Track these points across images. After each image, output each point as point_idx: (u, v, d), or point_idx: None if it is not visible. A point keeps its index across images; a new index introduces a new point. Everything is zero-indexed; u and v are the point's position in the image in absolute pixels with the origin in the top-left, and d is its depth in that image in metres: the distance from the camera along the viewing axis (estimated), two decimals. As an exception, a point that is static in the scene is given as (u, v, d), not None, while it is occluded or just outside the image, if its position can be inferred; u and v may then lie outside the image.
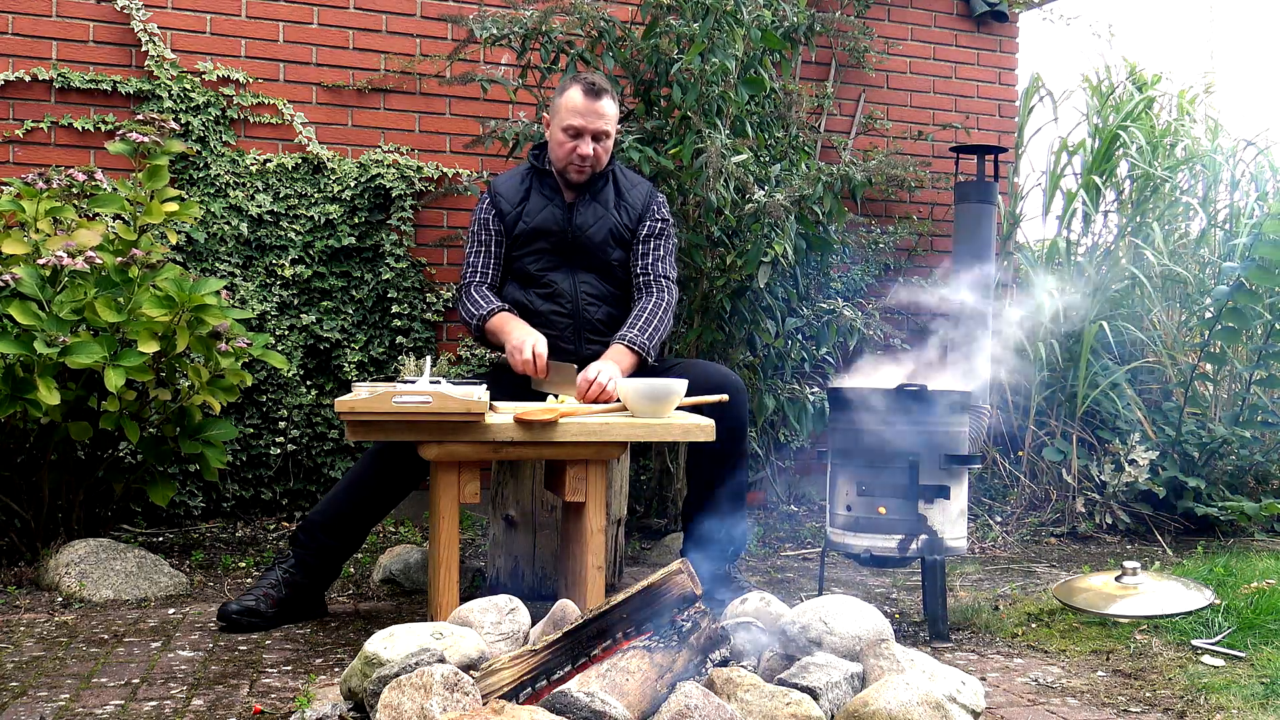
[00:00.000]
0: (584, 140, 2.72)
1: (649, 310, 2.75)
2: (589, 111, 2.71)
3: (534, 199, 2.81)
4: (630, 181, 2.89)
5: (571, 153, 2.72)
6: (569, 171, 2.76)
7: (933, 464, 2.47)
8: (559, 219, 2.78)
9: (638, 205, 2.84)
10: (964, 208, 3.34)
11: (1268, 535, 3.93)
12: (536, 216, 2.78)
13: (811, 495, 4.30)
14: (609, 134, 2.76)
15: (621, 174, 2.90)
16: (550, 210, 2.79)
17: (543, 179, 2.83)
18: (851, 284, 4.38)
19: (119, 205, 2.94)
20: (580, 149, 2.72)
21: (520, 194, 2.82)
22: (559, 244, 2.78)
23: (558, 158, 2.76)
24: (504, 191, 2.84)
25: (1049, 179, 4.78)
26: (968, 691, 1.82)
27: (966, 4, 4.74)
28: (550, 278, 2.78)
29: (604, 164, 2.79)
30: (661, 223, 2.86)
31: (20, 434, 2.92)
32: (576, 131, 2.71)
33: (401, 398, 2.10)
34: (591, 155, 2.73)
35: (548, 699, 1.54)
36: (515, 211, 2.80)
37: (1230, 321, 3.83)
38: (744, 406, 2.68)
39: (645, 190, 2.89)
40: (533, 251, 2.79)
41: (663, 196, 2.93)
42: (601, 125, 2.73)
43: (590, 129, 2.71)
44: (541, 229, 2.78)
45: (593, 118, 2.71)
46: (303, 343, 3.68)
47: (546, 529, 2.86)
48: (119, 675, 2.11)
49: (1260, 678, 2.13)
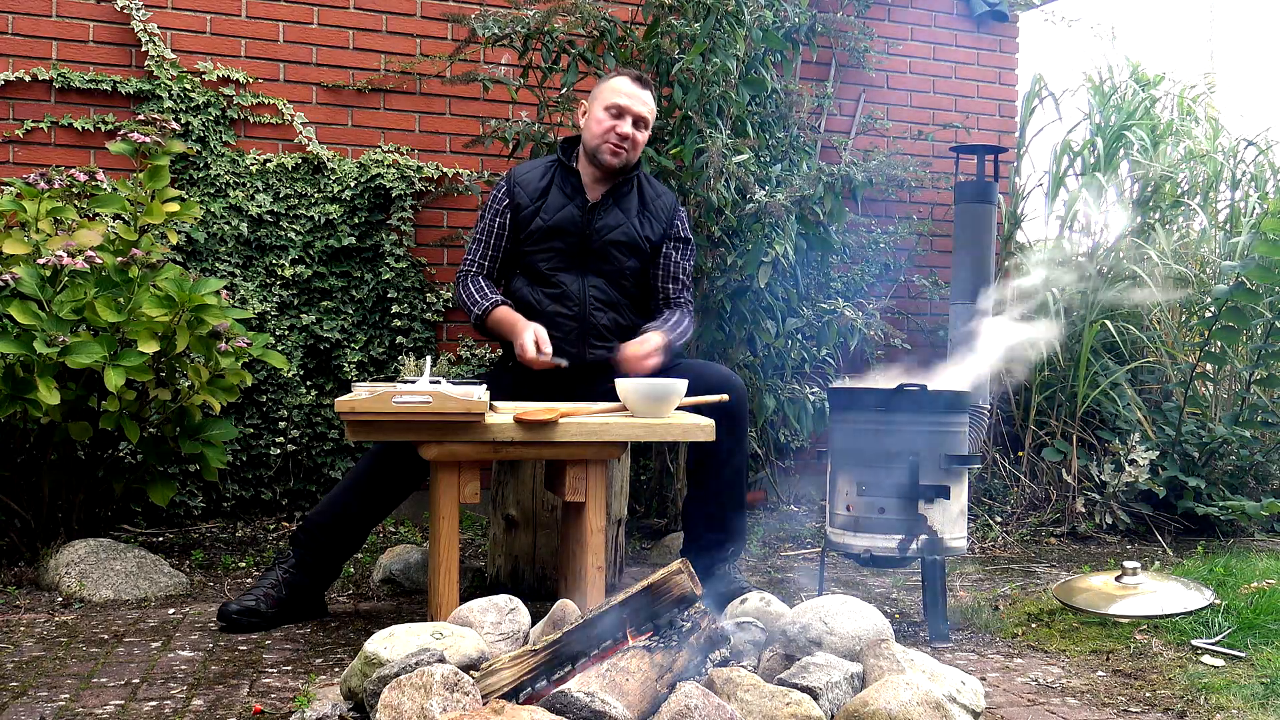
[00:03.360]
0: (625, 120, 2.73)
1: (676, 320, 2.79)
2: (634, 95, 2.75)
3: (554, 195, 2.78)
4: (656, 191, 2.87)
5: (610, 131, 2.73)
6: (603, 152, 2.73)
7: (933, 464, 2.47)
8: (577, 220, 2.76)
9: (662, 218, 2.83)
10: (964, 208, 3.34)
11: (1268, 535, 3.93)
12: (555, 215, 2.76)
13: (811, 495, 4.30)
14: (647, 123, 2.78)
15: (647, 182, 2.88)
16: (570, 210, 2.76)
17: (566, 176, 2.80)
18: (852, 284, 4.39)
19: (119, 205, 2.94)
20: (620, 127, 2.72)
21: (540, 188, 2.79)
22: (574, 245, 2.76)
23: (594, 135, 2.75)
24: (523, 182, 2.81)
25: (1051, 179, 4.78)
26: (968, 691, 1.82)
27: (966, 4, 4.73)
28: (560, 278, 2.76)
29: (635, 155, 2.79)
30: (684, 243, 2.87)
31: (20, 434, 2.92)
32: (620, 111, 2.73)
33: (401, 398, 2.10)
34: (630, 137, 2.74)
35: (548, 699, 1.54)
36: (533, 206, 2.78)
37: (1230, 321, 3.82)
38: (744, 406, 2.68)
39: (670, 202, 2.88)
40: (546, 250, 2.76)
41: (685, 210, 2.94)
42: (644, 111, 2.76)
43: (633, 111, 2.74)
44: (558, 228, 2.75)
45: (637, 102, 2.75)
46: (303, 343, 3.68)
47: (546, 529, 2.86)
48: (119, 675, 2.11)
49: (1260, 678, 2.13)
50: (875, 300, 4.21)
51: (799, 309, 3.85)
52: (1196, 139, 4.95)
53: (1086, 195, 4.60)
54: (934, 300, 4.55)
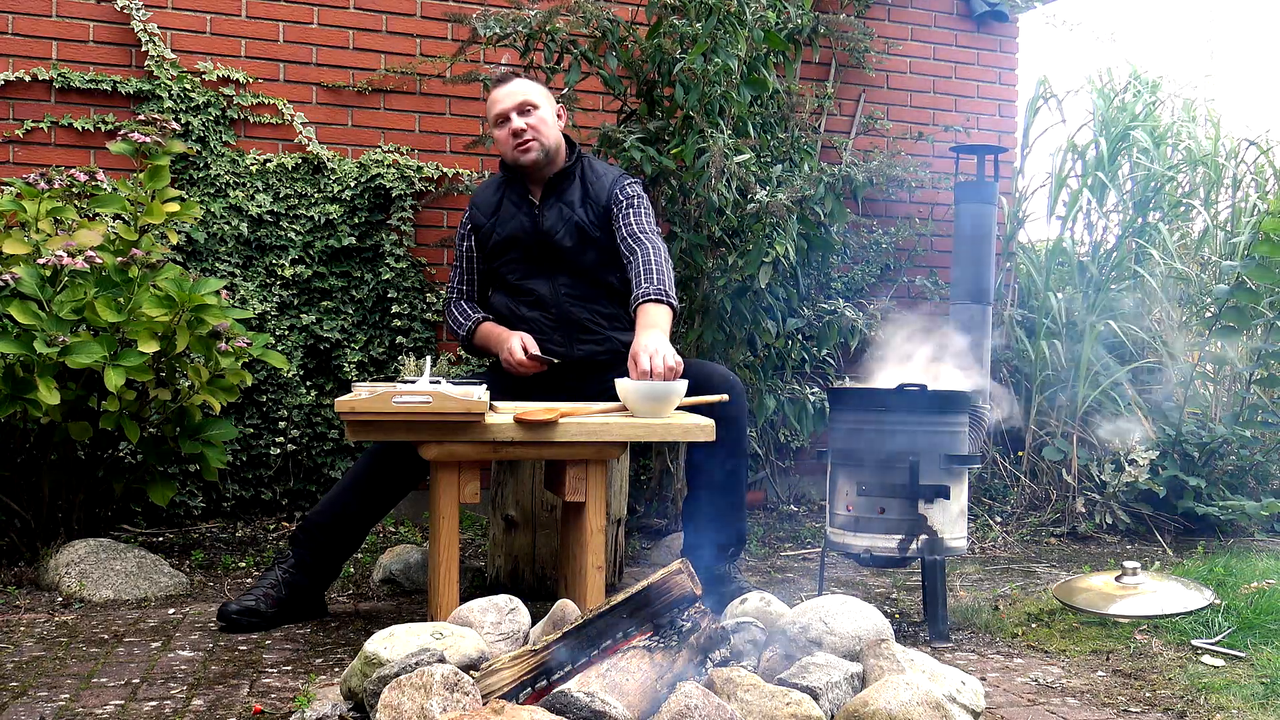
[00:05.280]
0: (512, 119, 2.74)
1: (646, 262, 2.69)
2: (505, 94, 2.77)
3: (505, 208, 2.82)
4: (596, 174, 2.84)
5: (507, 138, 2.75)
6: (518, 157, 2.76)
7: (933, 464, 2.47)
8: (527, 226, 2.78)
9: (603, 197, 2.80)
10: (964, 208, 3.33)
11: (1268, 535, 3.93)
12: (507, 226, 2.80)
13: (811, 495, 4.30)
14: (535, 104, 2.76)
15: (589, 168, 2.86)
16: (518, 219, 2.79)
17: (512, 186, 2.84)
18: (852, 284, 4.38)
19: (120, 205, 2.94)
20: (512, 127, 2.74)
21: (494, 204, 2.84)
22: (529, 251, 2.79)
23: (505, 153, 2.79)
24: (479, 203, 2.87)
25: (1055, 180, 4.78)
26: (968, 691, 1.82)
27: (966, 4, 4.73)
28: (529, 284, 2.78)
29: (547, 138, 2.76)
30: (626, 200, 2.79)
31: (20, 434, 2.92)
32: (503, 116, 2.75)
33: (401, 398, 2.10)
34: (526, 129, 2.73)
35: (548, 699, 1.54)
36: (489, 222, 2.83)
37: (1230, 320, 3.82)
38: (744, 407, 2.68)
39: (610, 179, 2.84)
40: (509, 260, 2.81)
41: (630, 179, 2.86)
42: (521, 98, 2.75)
43: (512, 106, 2.74)
44: (512, 238, 2.79)
45: (509, 98, 2.76)
46: (303, 343, 3.68)
47: (546, 529, 2.86)
48: (119, 675, 2.11)
49: (1260, 678, 2.13)
50: (876, 300, 4.21)
51: (799, 309, 3.85)
52: (1197, 139, 4.95)
53: (1088, 196, 4.61)
54: (934, 300, 4.55)
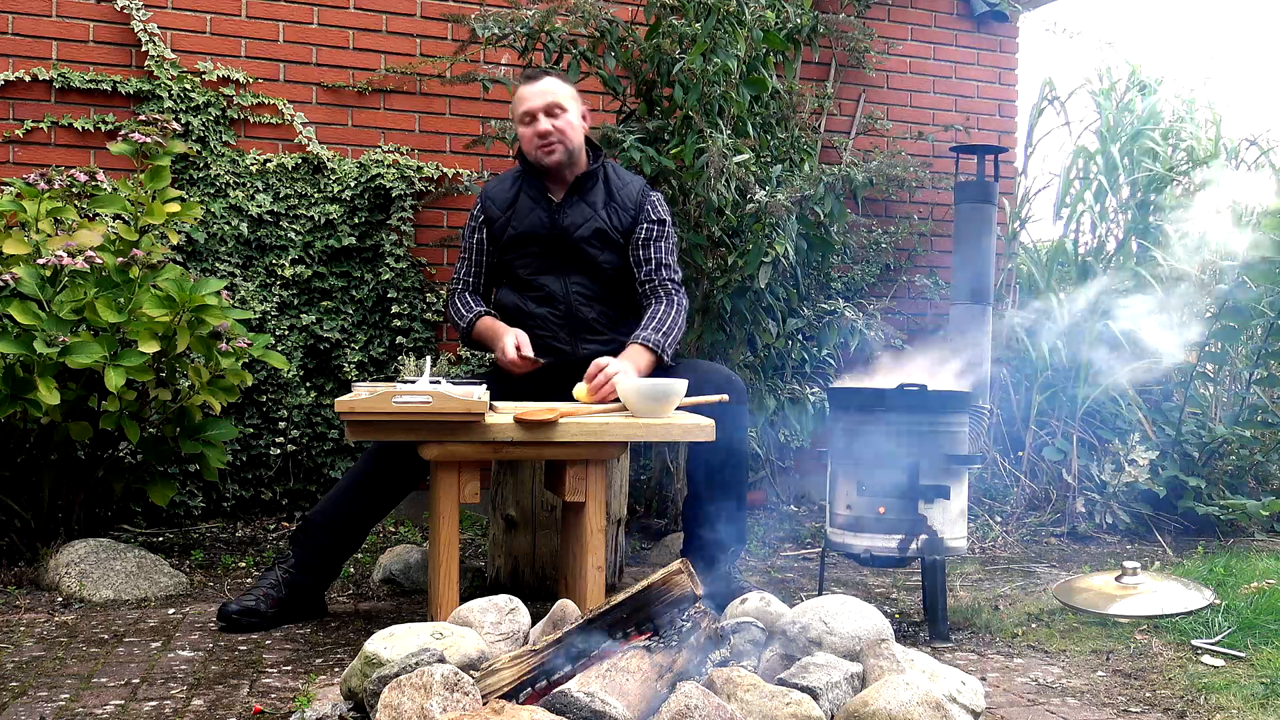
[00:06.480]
0: (538, 120, 2.73)
1: (661, 314, 2.73)
2: (533, 94, 2.75)
3: (522, 202, 2.81)
4: (622, 180, 2.85)
5: (532, 138, 2.75)
6: (540, 157, 2.75)
7: (933, 464, 2.47)
8: (544, 222, 2.77)
9: (629, 206, 2.80)
10: (964, 208, 3.34)
11: (1268, 535, 3.93)
12: (524, 221, 2.79)
13: (811, 495, 4.30)
14: (563, 107, 2.75)
15: (614, 172, 2.87)
16: (537, 213, 2.78)
17: (530, 181, 2.82)
18: (852, 284, 4.38)
19: (120, 205, 2.94)
20: (538, 128, 2.73)
21: (509, 198, 2.82)
22: (547, 247, 2.78)
23: (528, 152, 2.78)
24: (494, 196, 2.85)
25: (1061, 181, 4.78)
26: (968, 691, 1.82)
27: (966, 4, 4.73)
28: (541, 280, 2.78)
29: (572, 141, 2.76)
30: (658, 224, 2.81)
31: (20, 434, 2.92)
32: (531, 115, 2.74)
33: (401, 398, 2.10)
34: (552, 131, 2.73)
35: (548, 699, 1.54)
36: (504, 216, 2.81)
37: (1230, 320, 3.82)
38: (744, 406, 2.68)
39: (637, 189, 2.84)
40: (523, 256, 2.79)
41: (658, 195, 2.88)
42: (551, 99, 2.74)
43: (540, 106, 2.73)
44: (528, 233, 2.78)
45: (537, 97, 2.74)
46: (303, 343, 3.68)
47: (546, 529, 2.86)
48: (119, 675, 2.11)
49: (1260, 678, 2.13)
50: (876, 300, 4.21)
51: (799, 309, 3.85)
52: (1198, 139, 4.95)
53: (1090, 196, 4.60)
54: (934, 300, 4.55)
